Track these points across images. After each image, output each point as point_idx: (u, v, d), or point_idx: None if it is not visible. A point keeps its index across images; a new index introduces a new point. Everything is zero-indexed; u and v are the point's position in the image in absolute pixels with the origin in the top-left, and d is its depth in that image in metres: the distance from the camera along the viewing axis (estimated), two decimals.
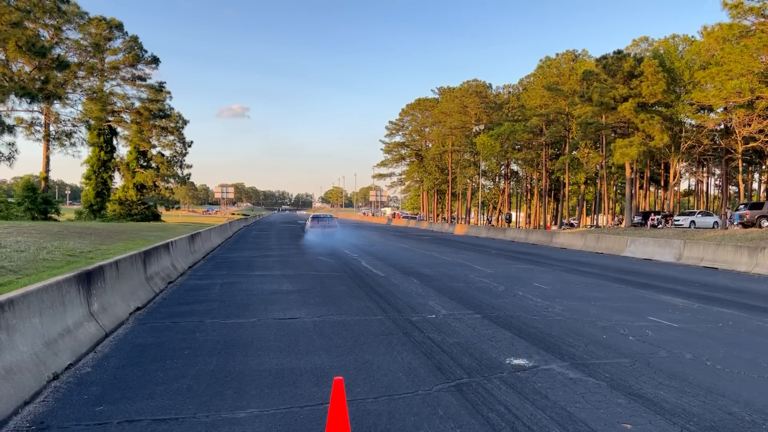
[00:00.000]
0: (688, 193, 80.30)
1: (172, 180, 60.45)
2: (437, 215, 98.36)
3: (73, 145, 51.93)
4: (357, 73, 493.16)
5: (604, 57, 50.93)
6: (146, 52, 56.23)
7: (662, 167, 61.94)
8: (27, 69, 40.96)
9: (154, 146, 58.95)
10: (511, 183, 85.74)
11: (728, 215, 41.96)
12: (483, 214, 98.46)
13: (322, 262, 18.55)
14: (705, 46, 46.19)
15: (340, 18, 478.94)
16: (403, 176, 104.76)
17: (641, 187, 63.54)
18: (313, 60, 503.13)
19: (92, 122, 51.75)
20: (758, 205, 37.48)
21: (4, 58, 38.92)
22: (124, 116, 56.80)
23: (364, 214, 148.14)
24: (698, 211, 49.12)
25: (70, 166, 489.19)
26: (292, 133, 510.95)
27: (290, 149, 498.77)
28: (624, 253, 25.74)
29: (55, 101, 47.01)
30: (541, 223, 71.44)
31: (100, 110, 50.39)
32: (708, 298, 12.64)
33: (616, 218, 67.18)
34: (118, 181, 58.38)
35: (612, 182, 68.31)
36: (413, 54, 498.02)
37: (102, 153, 54.55)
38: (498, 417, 4.97)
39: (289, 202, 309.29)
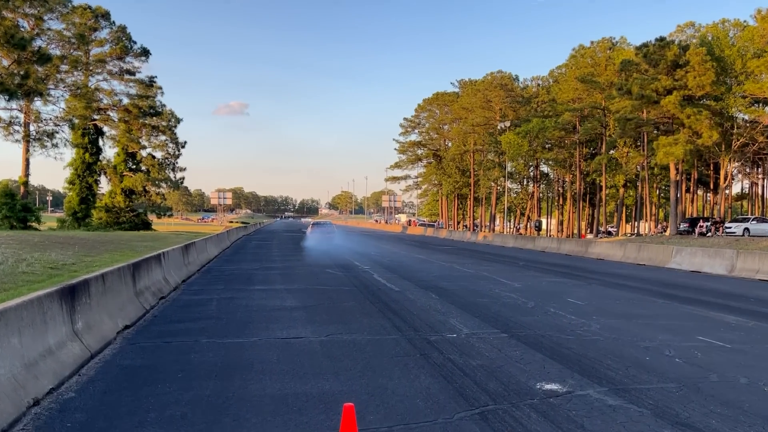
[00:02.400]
0: (740, 197, 79.56)
1: (163, 184, 60.87)
2: (458, 222, 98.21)
3: (55, 146, 52.46)
4: (367, 65, 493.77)
5: (645, 45, 50.76)
6: (135, 43, 56.80)
7: (711, 168, 61.45)
8: (5, 63, 41.57)
9: (144, 147, 59.44)
10: (541, 186, 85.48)
11: None
12: (509, 221, 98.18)
13: (330, 275, 18.58)
14: (759, 32, 45.89)
15: (347, 3, 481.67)
16: (419, 179, 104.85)
17: (688, 191, 63.05)
18: (318, 50, 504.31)
19: (76, 121, 52.30)
20: None
21: None
22: (111, 114, 57.38)
23: (377, 221, 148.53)
24: (753, 217, 48.61)
25: (52, 170, 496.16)
26: (296, 133, 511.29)
27: (294, 150, 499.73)
28: (669, 264, 25.56)
29: (35, 98, 47.57)
30: (575, 231, 71.12)
31: (84, 108, 50.94)
32: (765, 315, 12.50)
33: (659, 225, 66.80)
34: (104, 185, 58.98)
35: (655, 185, 67.87)
36: (430, 43, 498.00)
37: (87, 155, 55.06)
38: None
39: (293, 208, 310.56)
